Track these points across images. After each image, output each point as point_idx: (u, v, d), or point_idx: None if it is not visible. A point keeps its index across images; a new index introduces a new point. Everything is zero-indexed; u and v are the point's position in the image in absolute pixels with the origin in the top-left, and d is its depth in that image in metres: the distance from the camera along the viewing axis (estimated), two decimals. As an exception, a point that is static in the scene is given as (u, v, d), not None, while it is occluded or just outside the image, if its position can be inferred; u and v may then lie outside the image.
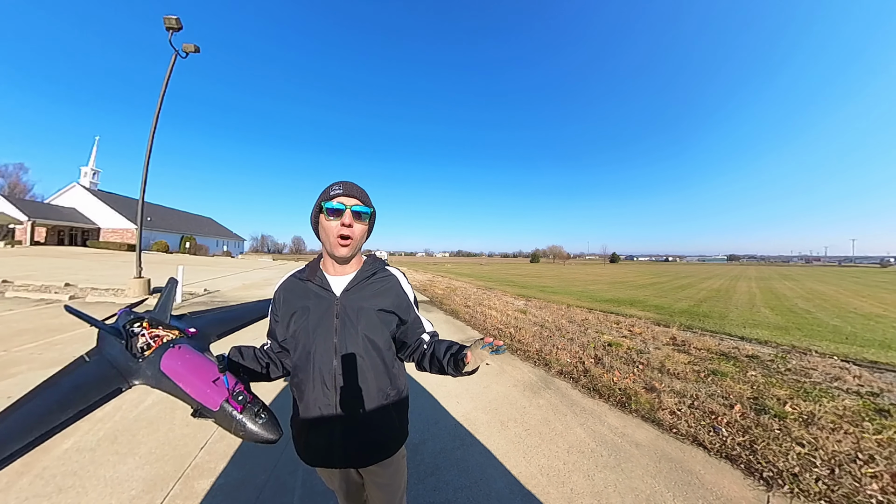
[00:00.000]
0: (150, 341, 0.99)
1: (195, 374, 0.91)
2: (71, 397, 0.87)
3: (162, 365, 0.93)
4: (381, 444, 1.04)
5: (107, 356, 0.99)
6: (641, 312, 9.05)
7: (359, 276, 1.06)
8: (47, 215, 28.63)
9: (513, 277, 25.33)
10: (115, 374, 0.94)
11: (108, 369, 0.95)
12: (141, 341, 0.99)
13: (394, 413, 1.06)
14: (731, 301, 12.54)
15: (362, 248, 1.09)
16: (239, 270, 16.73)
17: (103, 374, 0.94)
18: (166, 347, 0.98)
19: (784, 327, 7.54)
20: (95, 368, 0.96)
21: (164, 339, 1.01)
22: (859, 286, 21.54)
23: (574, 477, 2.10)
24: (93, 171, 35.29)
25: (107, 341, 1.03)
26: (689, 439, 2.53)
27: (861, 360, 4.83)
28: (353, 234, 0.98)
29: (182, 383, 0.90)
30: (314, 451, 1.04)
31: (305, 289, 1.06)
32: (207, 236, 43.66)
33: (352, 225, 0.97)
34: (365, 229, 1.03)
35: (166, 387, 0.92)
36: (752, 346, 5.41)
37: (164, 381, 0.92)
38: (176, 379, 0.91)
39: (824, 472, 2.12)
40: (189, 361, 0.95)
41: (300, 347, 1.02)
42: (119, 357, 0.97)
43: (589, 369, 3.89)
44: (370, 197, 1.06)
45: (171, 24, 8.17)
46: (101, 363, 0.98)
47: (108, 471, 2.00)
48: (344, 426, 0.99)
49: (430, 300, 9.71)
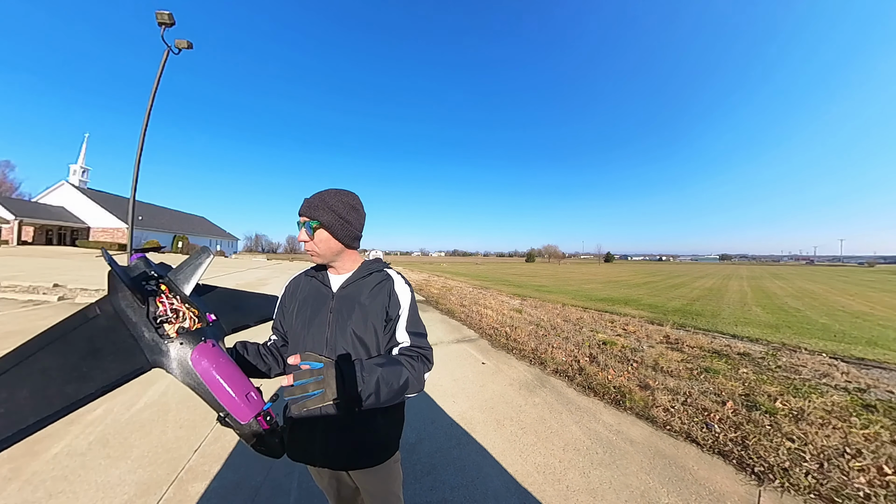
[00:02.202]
0: (170, 314, 0.87)
1: (230, 383, 0.84)
2: (91, 366, 0.75)
3: (192, 360, 0.84)
4: (365, 448, 1.01)
5: (123, 318, 0.84)
6: (635, 311, 9.13)
7: (356, 276, 1.08)
8: (35, 214, 28.04)
9: (508, 277, 25.42)
10: (135, 347, 0.81)
11: (127, 338, 0.82)
12: (159, 309, 0.86)
13: (380, 418, 1.02)
14: (724, 300, 12.72)
15: (347, 251, 1.08)
16: (233, 270, 16.55)
17: (123, 342, 0.81)
18: (196, 338, 0.87)
19: (775, 325, 7.66)
20: (112, 332, 0.82)
21: (183, 316, 0.89)
22: (847, 285, 22.00)
23: (570, 474, 2.12)
24: (82, 169, 34.63)
25: (123, 296, 0.86)
26: (682, 436, 2.56)
27: (849, 357, 4.93)
28: (312, 247, 1.03)
29: (214, 389, 0.83)
30: (296, 445, 1.03)
31: (310, 284, 1.13)
32: (200, 235, 43.13)
33: (306, 240, 1.03)
34: (325, 237, 1.03)
35: (192, 384, 0.84)
36: (743, 344, 5.50)
37: (192, 377, 0.83)
38: (207, 381, 0.83)
39: (814, 466, 2.16)
40: (224, 367, 0.86)
41: (296, 339, 1.07)
42: (140, 325, 0.84)
43: (584, 368, 3.91)
44: (359, 198, 1.09)
45: (163, 20, 8.05)
46: (118, 327, 0.83)
47: (100, 475, 1.97)
48: (326, 423, 0.98)
49: (425, 300, 9.70)
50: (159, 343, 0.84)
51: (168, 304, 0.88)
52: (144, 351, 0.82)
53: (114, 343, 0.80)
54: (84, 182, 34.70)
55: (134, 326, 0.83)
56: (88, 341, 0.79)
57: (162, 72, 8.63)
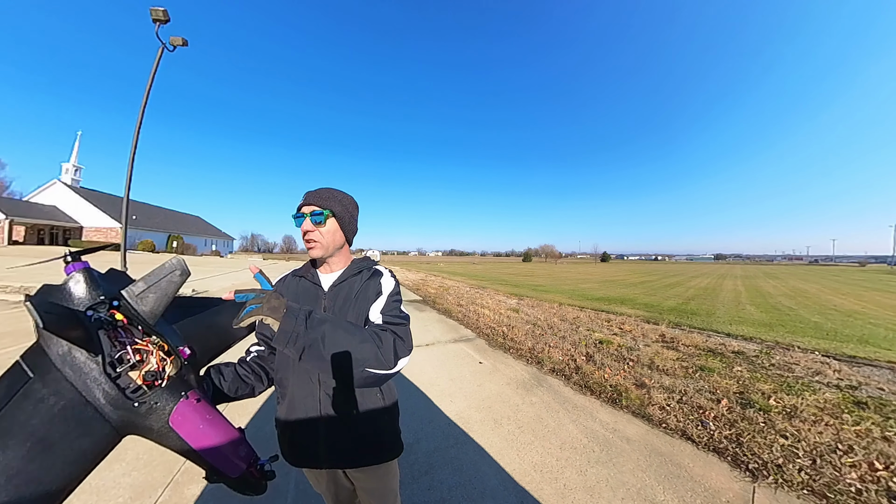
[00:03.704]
0: (131, 354, 0.66)
1: (220, 441, 0.73)
2: (43, 469, 0.54)
3: (173, 423, 0.68)
4: (372, 444, 1.02)
5: (69, 377, 0.59)
6: (631, 310, 9.19)
7: (346, 273, 1.07)
8: (26, 213, 27.65)
9: (505, 276, 25.47)
10: (96, 420, 0.60)
11: (83, 409, 0.59)
12: (115, 351, 0.64)
13: (385, 415, 1.04)
14: (718, 299, 12.83)
15: (345, 247, 1.10)
16: (228, 270, 16.42)
17: (79, 419, 0.59)
18: (173, 392, 0.69)
19: (768, 324, 7.74)
20: (60, 407, 0.57)
21: (148, 357, 0.68)
22: (839, 284, 22.28)
23: (567, 473, 2.13)
24: (74, 168, 34.23)
25: (58, 344, 0.60)
26: (678, 434, 2.58)
27: (841, 355, 4.99)
28: (316, 238, 1.01)
29: (202, 450, 0.70)
30: (298, 449, 1.02)
31: (298, 284, 1.10)
32: (195, 235, 42.78)
33: (311, 230, 1.00)
34: (332, 229, 1.03)
35: (175, 446, 0.70)
36: (737, 343, 5.56)
37: (175, 442, 0.69)
38: (194, 443, 0.69)
39: (806, 462, 2.19)
40: (211, 424, 0.73)
41: None
42: (92, 383, 0.60)
43: (580, 367, 3.93)
44: (355, 198, 1.10)
45: (157, 16, 7.95)
46: (65, 393, 0.58)
47: (93, 478, 1.93)
48: (329, 422, 0.98)
49: (422, 299, 9.69)
50: (125, 403, 0.63)
51: (128, 341, 0.67)
52: (108, 418, 0.61)
53: (64, 420, 0.57)
54: (77, 181, 34.31)
55: (86, 386, 0.60)
56: (27, 428, 0.54)
57: (156, 69, 8.54)
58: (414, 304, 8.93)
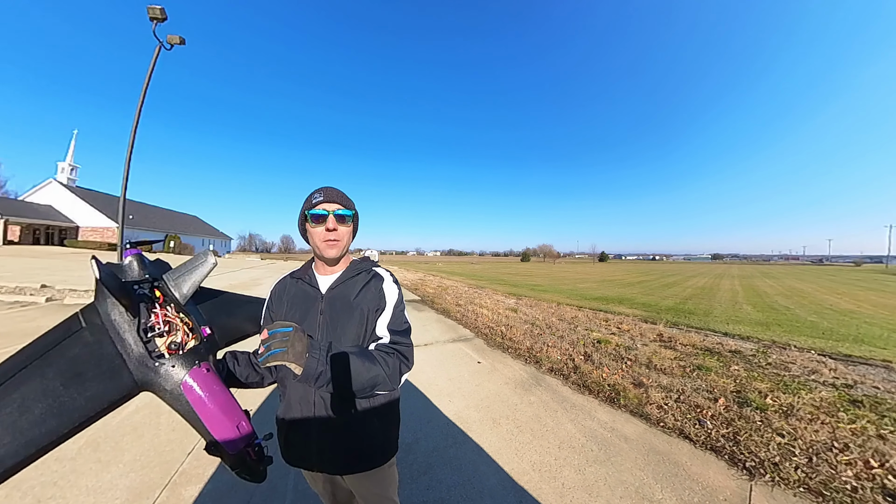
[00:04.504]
0: (162, 326, 0.80)
1: (222, 411, 0.80)
2: (74, 393, 0.67)
3: (184, 388, 0.78)
4: (362, 452, 1.00)
5: (110, 330, 0.75)
6: (629, 310, 9.22)
7: (345, 275, 1.07)
8: (21, 213, 27.41)
9: (504, 276, 25.49)
10: (121, 368, 0.73)
11: (114, 356, 0.73)
12: (150, 319, 0.79)
13: (376, 420, 1.02)
14: (715, 298, 12.89)
15: (349, 248, 1.10)
16: (226, 270, 16.36)
17: (108, 362, 0.73)
18: (189, 360, 0.80)
19: (765, 323, 7.79)
20: (98, 349, 0.73)
21: (175, 329, 0.81)
22: (835, 283, 22.45)
23: (565, 472, 2.13)
24: (71, 167, 33.92)
25: (111, 304, 0.76)
26: (675, 432, 2.60)
27: (836, 354, 5.03)
28: (339, 237, 1.02)
29: (206, 419, 0.78)
30: (292, 449, 1.02)
31: (296, 287, 1.10)
32: (193, 235, 42.56)
33: (336, 228, 1.01)
34: (349, 230, 1.06)
35: (182, 411, 0.78)
36: (734, 342, 5.59)
37: (182, 404, 0.77)
38: (199, 410, 0.78)
39: (803, 460, 2.21)
40: (217, 395, 0.81)
41: None
42: (128, 339, 0.75)
43: (579, 366, 3.95)
44: (353, 199, 1.11)
45: (154, 14, 7.91)
46: (104, 342, 0.74)
47: (91, 480, 1.94)
48: (322, 426, 0.97)
49: (421, 299, 9.69)
50: (148, 362, 0.76)
51: (161, 314, 0.81)
52: (132, 371, 0.75)
53: (99, 363, 0.72)
54: (73, 180, 34.00)
55: (122, 341, 0.75)
56: (71, 362, 0.70)
57: (153, 68, 8.49)
58: (412, 303, 8.93)
